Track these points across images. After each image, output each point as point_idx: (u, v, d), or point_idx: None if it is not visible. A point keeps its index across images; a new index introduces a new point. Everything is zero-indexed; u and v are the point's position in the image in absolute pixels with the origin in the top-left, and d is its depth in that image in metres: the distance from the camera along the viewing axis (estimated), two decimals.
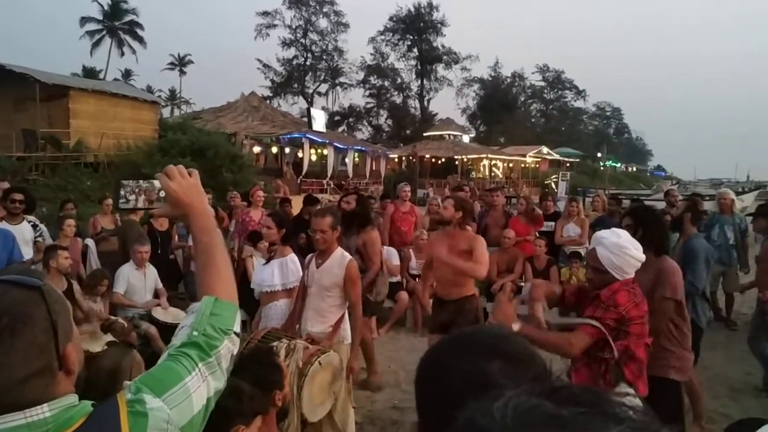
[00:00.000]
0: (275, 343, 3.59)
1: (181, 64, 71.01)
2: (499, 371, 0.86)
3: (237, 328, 1.28)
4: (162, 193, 1.41)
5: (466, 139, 46.28)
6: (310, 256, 4.32)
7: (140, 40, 54.39)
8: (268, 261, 4.74)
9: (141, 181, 1.49)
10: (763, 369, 5.59)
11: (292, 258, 4.59)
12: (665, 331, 3.73)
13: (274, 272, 4.54)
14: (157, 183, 1.42)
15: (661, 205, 8.17)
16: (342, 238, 5.56)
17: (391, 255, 7.84)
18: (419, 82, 59.84)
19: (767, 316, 5.37)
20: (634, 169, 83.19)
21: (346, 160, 30.99)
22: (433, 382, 0.93)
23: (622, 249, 2.87)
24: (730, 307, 8.12)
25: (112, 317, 5.83)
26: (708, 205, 10.03)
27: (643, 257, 2.91)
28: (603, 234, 3.01)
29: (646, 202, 12.78)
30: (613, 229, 3.11)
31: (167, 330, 5.86)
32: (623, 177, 62.79)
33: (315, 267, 4.17)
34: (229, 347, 1.24)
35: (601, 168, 47.38)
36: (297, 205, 9.97)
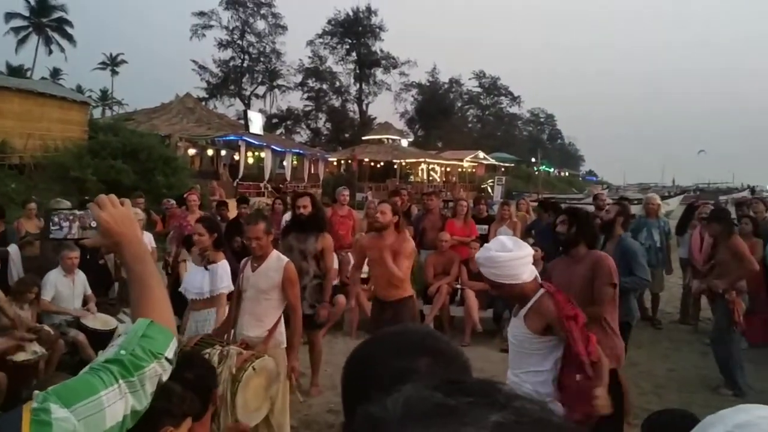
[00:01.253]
0: (208, 350, 3.54)
1: (113, 63, 68.84)
2: (425, 367, 0.88)
3: (169, 354, 1.25)
4: (95, 222, 1.38)
5: (404, 143, 46.60)
6: (245, 260, 4.28)
7: (69, 38, 52.52)
8: (205, 267, 4.68)
9: (75, 210, 1.45)
10: (722, 371, 5.76)
11: (223, 265, 4.55)
12: (600, 321, 3.96)
13: (204, 279, 4.49)
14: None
15: (590, 208, 8.44)
16: (291, 242, 5.51)
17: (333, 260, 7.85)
18: (358, 86, 59.99)
19: (734, 315, 5.57)
20: (567, 173, 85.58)
21: (284, 163, 30.76)
22: (361, 378, 0.94)
23: (494, 260, 2.94)
24: (655, 307, 8.45)
25: (38, 325, 5.62)
26: (635, 209, 10.44)
27: (523, 252, 2.97)
28: (478, 256, 3.09)
29: (577, 206, 13.17)
30: (485, 245, 3.18)
31: (96, 337, 5.72)
32: (556, 182, 64.53)
33: (251, 271, 4.13)
34: (156, 370, 1.21)
35: (536, 173, 48.60)
36: (234, 208, 9.86)
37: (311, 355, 5.78)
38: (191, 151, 26.46)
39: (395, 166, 39.04)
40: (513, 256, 2.92)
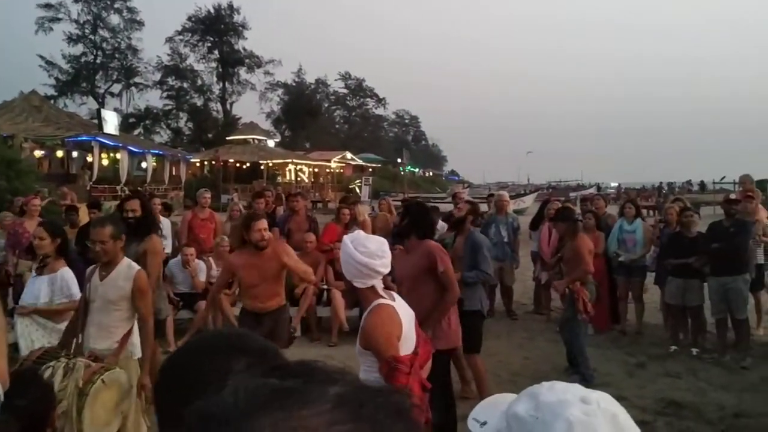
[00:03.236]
0: (52, 364, 3.29)
1: None
2: (242, 366, 0.87)
3: None
4: None
5: (271, 143, 45.98)
6: (91, 267, 4.00)
7: None
8: (39, 274, 4.33)
9: None
10: (570, 352, 6.19)
11: (63, 273, 4.25)
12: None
13: (43, 288, 4.17)
14: None
15: (450, 206, 8.76)
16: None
17: (200, 270, 7.57)
18: (221, 85, 58.28)
19: (576, 305, 5.93)
20: (431, 173, 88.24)
21: (143, 164, 29.31)
22: (174, 386, 0.92)
23: (345, 252, 2.82)
24: (510, 299, 8.89)
25: None
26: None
27: (364, 258, 2.76)
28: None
29: (439, 204, 13.65)
30: (350, 235, 3.02)
31: None
32: (421, 181, 66.27)
33: (98, 279, 3.86)
34: None
35: (401, 173, 49.67)
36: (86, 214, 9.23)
37: None
38: (38, 153, 24.53)
39: (262, 167, 38.43)
40: (356, 257, 2.76)
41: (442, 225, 7.37)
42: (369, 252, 2.76)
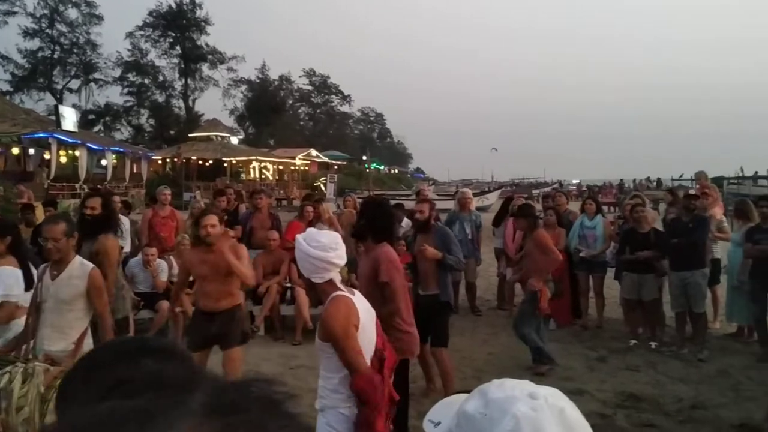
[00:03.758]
0: (9, 369, 3.19)
1: None
2: (150, 365, 0.85)
3: None
4: None
5: (234, 140, 45.45)
6: (42, 266, 3.88)
7: None
8: None
9: None
10: (530, 348, 6.23)
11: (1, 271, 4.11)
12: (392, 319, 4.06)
13: None
14: None
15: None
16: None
17: (162, 269, 7.43)
18: (183, 81, 57.45)
19: (535, 302, 6.10)
20: (397, 171, 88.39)
21: (103, 162, 28.71)
22: (83, 396, 0.88)
23: (299, 249, 2.86)
24: (473, 295, 8.94)
25: None
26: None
27: (320, 252, 2.81)
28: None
29: (404, 201, 13.67)
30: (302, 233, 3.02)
31: None
32: (386, 179, 66.37)
33: (50, 279, 3.75)
34: None
35: (367, 170, 49.64)
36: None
37: None
38: None
39: (225, 165, 37.99)
40: (310, 253, 2.81)
41: (407, 222, 7.38)
42: (322, 245, 2.81)
